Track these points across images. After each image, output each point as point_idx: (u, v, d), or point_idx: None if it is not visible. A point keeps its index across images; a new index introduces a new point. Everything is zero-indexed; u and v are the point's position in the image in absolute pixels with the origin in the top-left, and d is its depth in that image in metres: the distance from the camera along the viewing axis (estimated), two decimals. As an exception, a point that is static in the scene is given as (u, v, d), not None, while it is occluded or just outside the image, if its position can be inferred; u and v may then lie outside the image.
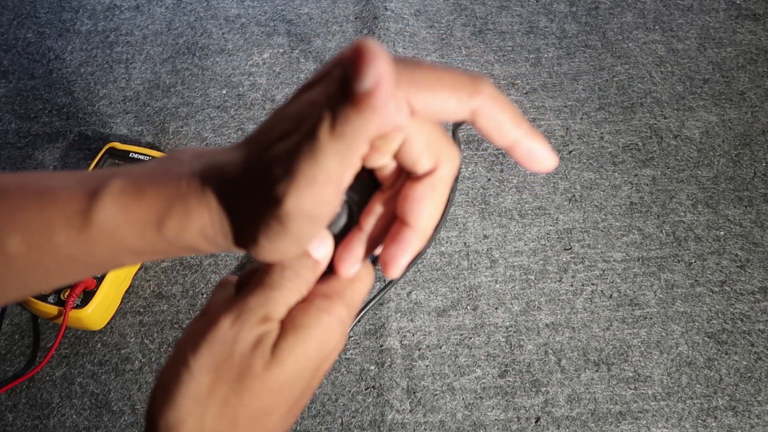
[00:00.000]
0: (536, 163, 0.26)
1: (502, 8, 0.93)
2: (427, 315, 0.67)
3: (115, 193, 0.26)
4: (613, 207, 0.74)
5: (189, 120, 0.82)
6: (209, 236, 0.26)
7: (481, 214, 0.74)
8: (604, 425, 0.60)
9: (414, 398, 0.62)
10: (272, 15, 0.93)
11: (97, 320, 0.64)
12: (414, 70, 0.23)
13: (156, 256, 0.28)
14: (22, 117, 0.83)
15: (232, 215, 0.25)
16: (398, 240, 0.27)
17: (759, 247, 0.71)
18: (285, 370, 0.26)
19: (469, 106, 0.24)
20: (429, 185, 0.26)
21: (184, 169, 0.26)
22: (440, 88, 0.23)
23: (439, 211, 0.27)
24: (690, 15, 0.92)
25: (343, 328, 0.28)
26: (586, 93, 0.84)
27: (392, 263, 0.27)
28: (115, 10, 0.94)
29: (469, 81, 0.24)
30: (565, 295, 0.68)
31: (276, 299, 0.27)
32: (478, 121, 0.25)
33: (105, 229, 0.26)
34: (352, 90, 0.20)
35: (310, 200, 0.23)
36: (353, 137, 0.21)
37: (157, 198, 0.26)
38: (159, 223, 0.26)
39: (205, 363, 0.26)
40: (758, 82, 0.84)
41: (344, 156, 0.22)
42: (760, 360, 0.64)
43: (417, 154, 0.25)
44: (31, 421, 0.61)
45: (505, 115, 0.25)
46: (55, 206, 0.27)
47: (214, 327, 0.26)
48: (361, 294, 0.29)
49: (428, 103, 0.23)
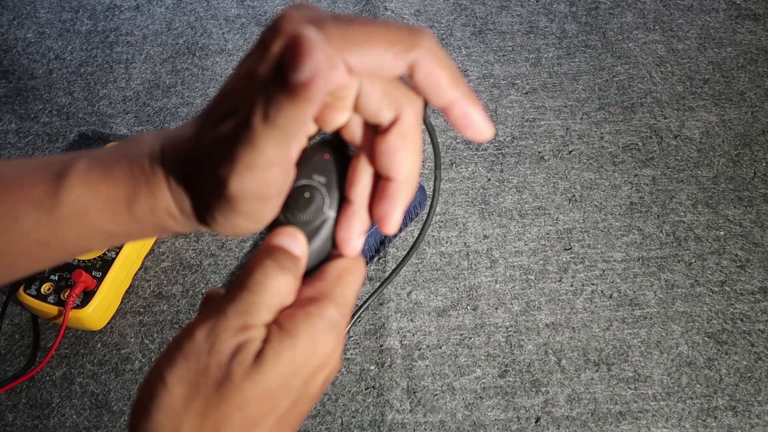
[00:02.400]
0: (471, 128, 0.25)
1: (502, 8, 0.93)
2: (427, 315, 0.67)
3: (82, 172, 0.26)
4: (613, 207, 0.74)
5: (189, 120, 0.82)
6: (175, 215, 0.26)
7: (481, 214, 0.74)
8: (604, 425, 0.60)
9: (414, 398, 0.62)
10: (272, 15, 0.93)
11: (97, 320, 0.64)
12: (348, 26, 0.22)
13: (127, 237, 0.27)
14: (22, 117, 0.83)
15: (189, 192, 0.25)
16: (385, 195, 0.26)
17: (759, 247, 0.71)
18: (267, 378, 0.25)
19: (406, 60, 0.23)
20: (398, 134, 0.25)
21: (145, 148, 0.26)
22: (374, 43, 0.23)
23: (417, 157, 0.26)
24: (690, 15, 0.92)
25: (337, 330, 0.27)
26: (586, 93, 0.84)
27: (386, 220, 0.27)
28: (115, 10, 0.94)
29: (407, 34, 0.23)
30: (565, 295, 0.68)
31: (257, 303, 0.26)
32: (415, 75, 0.24)
33: (74, 210, 0.26)
34: (287, 80, 0.19)
35: (253, 183, 0.23)
36: (288, 125, 0.21)
37: (124, 177, 0.26)
38: (128, 203, 0.26)
39: (180, 376, 0.25)
40: (758, 82, 0.84)
41: (281, 141, 0.22)
42: (760, 360, 0.64)
43: (376, 106, 0.25)
44: (31, 421, 0.61)
45: (442, 72, 0.24)
46: (21, 190, 0.26)
47: (190, 339, 0.25)
48: (352, 289, 0.28)
49: (364, 58, 0.23)
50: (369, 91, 0.24)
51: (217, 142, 0.23)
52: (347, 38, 0.22)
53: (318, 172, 0.27)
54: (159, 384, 0.25)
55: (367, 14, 0.92)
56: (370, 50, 0.22)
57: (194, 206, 0.26)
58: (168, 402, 0.25)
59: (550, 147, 0.79)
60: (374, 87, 0.24)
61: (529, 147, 0.79)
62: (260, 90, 0.21)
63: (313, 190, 0.27)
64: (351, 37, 0.22)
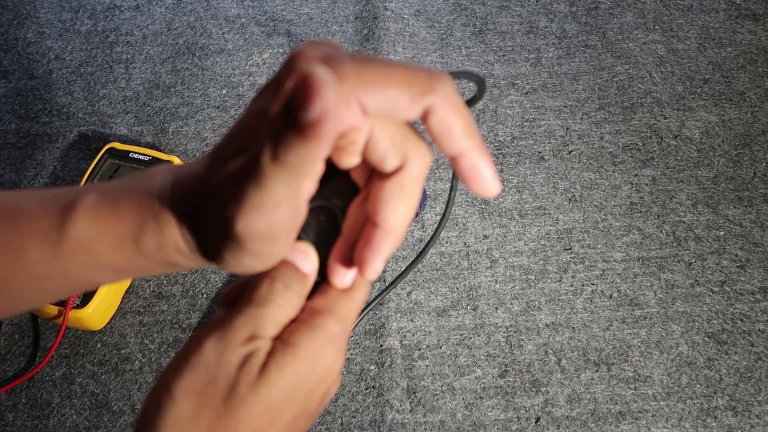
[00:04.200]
0: (478, 182, 0.24)
1: (502, 8, 0.93)
2: (427, 315, 0.67)
3: (90, 207, 0.26)
4: (613, 207, 0.74)
5: (189, 120, 0.82)
6: (183, 251, 0.26)
7: (481, 214, 0.74)
8: (604, 425, 0.60)
9: (414, 398, 0.62)
10: (272, 15, 0.93)
11: (97, 320, 0.64)
12: (364, 66, 0.22)
13: (135, 273, 0.27)
14: (22, 117, 0.83)
15: (198, 231, 0.25)
16: (368, 241, 0.26)
17: (759, 247, 0.71)
18: (272, 390, 0.25)
19: (422, 105, 0.23)
20: (397, 184, 0.25)
21: (156, 183, 0.26)
22: (391, 85, 0.22)
23: (410, 211, 0.26)
24: (690, 15, 0.92)
25: (338, 344, 0.27)
26: (586, 93, 0.84)
27: (364, 265, 0.26)
28: (115, 10, 0.94)
29: (425, 78, 0.23)
30: (565, 295, 0.68)
31: (263, 316, 0.26)
32: (429, 120, 0.23)
33: (80, 244, 0.25)
34: (296, 119, 0.19)
35: (260, 224, 0.22)
36: (297, 165, 0.21)
37: (132, 212, 0.25)
38: (135, 239, 0.25)
39: (188, 388, 0.25)
40: (758, 82, 0.84)
41: (290, 182, 0.21)
42: (760, 360, 0.64)
43: (383, 152, 0.24)
44: (31, 421, 0.61)
45: (457, 120, 0.23)
46: (28, 223, 0.26)
47: (197, 350, 0.25)
48: (355, 305, 0.28)
49: (379, 100, 0.22)
50: (379, 136, 0.24)
51: (225, 180, 0.23)
52: (362, 78, 0.22)
53: (336, 195, 0.27)
54: (166, 396, 0.25)
55: (367, 14, 0.93)
56: (386, 92, 0.22)
57: (202, 244, 0.25)
58: (175, 415, 0.25)
59: (550, 147, 0.79)
60: (384, 133, 0.24)
61: (529, 147, 0.79)
62: (270, 128, 0.21)
63: (329, 213, 0.27)
64: (366, 77, 0.22)
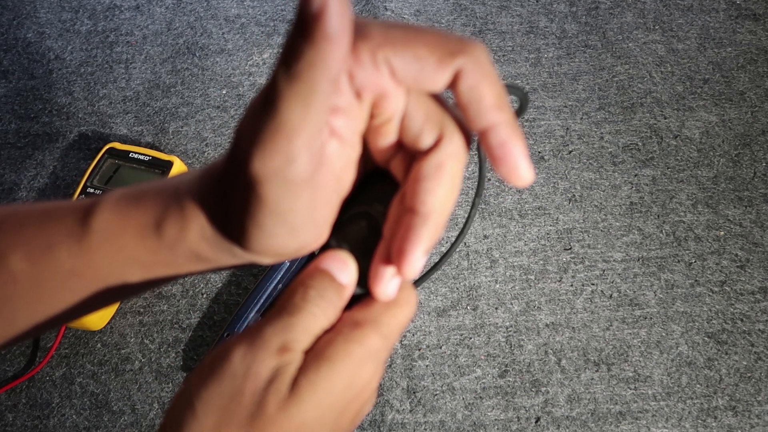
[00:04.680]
0: (508, 162, 0.22)
1: (502, 8, 0.93)
2: (427, 315, 0.67)
3: (113, 201, 0.26)
4: (613, 207, 0.74)
5: (189, 120, 0.82)
6: (209, 238, 0.25)
7: (481, 214, 0.74)
8: (604, 425, 0.60)
9: (414, 398, 0.62)
10: (272, 15, 0.93)
11: (97, 320, 0.64)
12: (391, 27, 0.21)
13: (162, 268, 0.26)
14: (22, 117, 0.83)
15: (223, 207, 0.24)
16: (405, 231, 0.23)
17: (759, 247, 0.71)
18: (303, 410, 0.23)
19: (451, 67, 0.21)
20: (434, 162, 0.23)
21: (183, 178, 0.26)
22: (418, 45, 0.21)
23: (450, 194, 0.23)
24: (690, 15, 0.92)
25: (377, 361, 0.25)
26: (586, 93, 0.84)
27: (401, 258, 0.23)
28: (115, 10, 0.94)
29: (455, 40, 0.21)
30: (565, 295, 0.68)
31: (295, 326, 0.24)
32: (458, 86, 0.21)
33: (103, 236, 0.25)
34: (302, 19, 0.18)
35: (277, 157, 0.20)
36: (311, 75, 0.19)
37: (155, 203, 0.25)
38: (157, 226, 0.25)
39: (212, 401, 0.23)
40: (758, 82, 0.84)
41: (306, 101, 0.20)
42: (760, 360, 0.64)
43: (418, 128, 0.23)
44: (31, 421, 0.61)
45: (488, 88, 0.21)
46: (55, 220, 0.26)
47: (225, 360, 0.23)
48: (401, 321, 0.25)
49: (406, 61, 0.21)
50: (413, 111, 0.23)
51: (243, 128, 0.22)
52: (389, 37, 0.21)
53: (378, 200, 0.25)
54: (187, 409, 0.23)
55: (367, 14, 0.93)
56: (414, 51, 0.21)
57: (227, 221, 0.24)
58: (196, 431, 0.23)
59: (550, 147, 0.79)
60: (419, 108, 0.23)
61: (529, 147, 0.79)
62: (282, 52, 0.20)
63: (371, 219, 0.25)
64: (393, 36, 0.21)
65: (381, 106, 0.23)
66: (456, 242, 0.31)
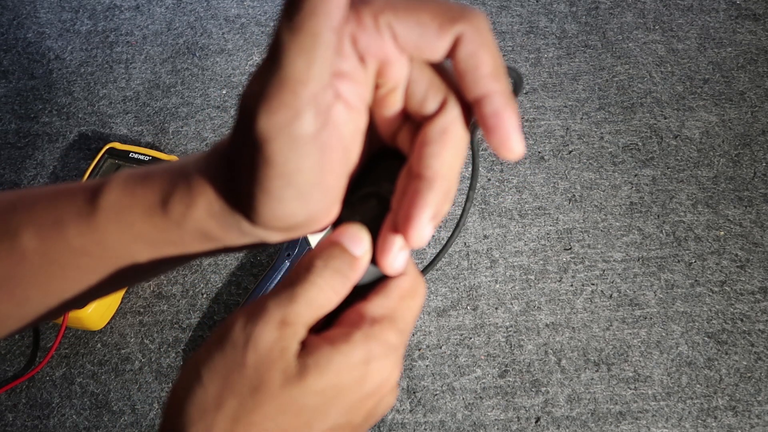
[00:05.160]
0: (500, 133, 0.22)
1: (502, 8, 0.93)
2: (427, 315, 0.67)
3: (122, 180, 0.26)
4: (613, 207, 0.74)
5: (189, 120, 0.82)
6: (216, 214, 0.25)
7: (481, 214, 0.74)
8: (604, 425, 0.60)
9: (414, 398, 0.62)
10: (272, 15, 0.93)
11: (97, 320, 0.64)
12: None
13: (170, 247, 0.26)
14: (22, 117, 0.83)
15: (229, 179, 0.24)
16: (411, 197, 0.23)
17: (759, 247, 0.71)
18: (306, 393, 0.23)
19: (452, 32, 0.21)
20: (438, 126, 0.23)
21: (190, 157, 0.26)
22: (419, 10, 0.21)
23: (455, 159, 0.23)
24: (690, 15, 0.92)
25: (395, 357, 0.24)
26: (586, 93, 0.84)
27: (406, 223, 0.23)
28: (115, 10, 0.94)
29: (457, 7, 0.21)
30: (565, 295, 0.68)
31: (297, 297, 0.23)
32: (456, 53, 0.22)
33: (111, 214, 0.26)
34: None
35: (282, 111, 0.20)
36: (313, 25, 0.19)
37: (162, 181, 0.26)
38: (163, 203, 0.25)
39: (215, 369, 0.23)
40: (758, 82, 0.84)
41: (310, 53, 0.20)
42: (760, 360, 0.64)
43: (422, 94, 0.23)
44: (31, 421, 0.61)
45: (487, 57, 0.21)
46: (65, 199, 0.27)
47: (228, 330, 0.23)
48: (415, 313, 0.25)
49: (408, 26, 0.21)
50: (417, 78, 0.23)
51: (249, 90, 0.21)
52: (391, 2, 0.21)
53: (386, 179, 0.25)
54: (194, 377, 0.24)
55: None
56: (415, 17, 0.21)
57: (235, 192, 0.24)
58: (201, 397, 0.23)
59: (550, 147, 0.79)
60: (422, 75, 0.23)
61: (529, 147, 0.79)
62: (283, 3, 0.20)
63: (380, 198, 0.25)
64: (395, 1, 0.21)
65: (385, 74, 0.23)
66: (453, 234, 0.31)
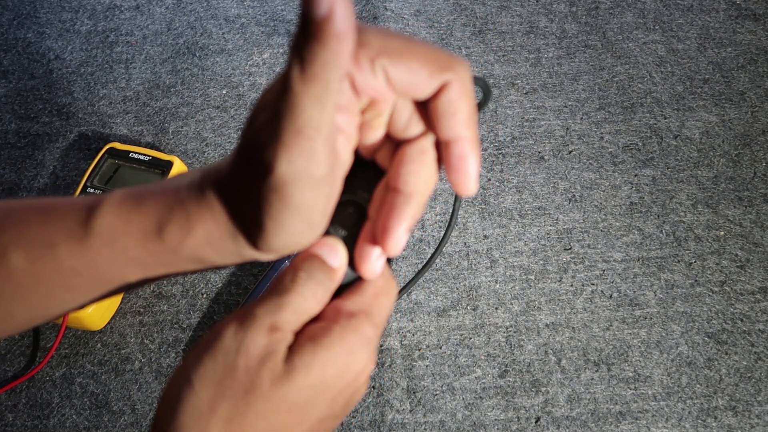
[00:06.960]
0: (461, 174, 0.24)
1: (502, 8, 0.93)
2: (427, 315, 0.67)
3: (115, 202, 0.26)
4: (613, 207, 0.74)
5: (189, 120, 0.82)
6: (215, 241, 0.25)
7: (481, 214, 0.74)
8: (604, 425, 0.60)
9: (414, 398, 0.62)
10: (272, 15, 0.93)
11: (97, 320, 0.64)
12: (389, 37, 0.23)
13: (162, 269, 0.27)
14: (22, 117, 0.83)
15: (234, 209, 0.25)
16: (389, 209, 0.25)
17: (759, 247, 0.71)
18: (296, 390, 0.24)
19: (440, 80, 0.23)
20: (418, 147, 0.25)
21: (185, 180, 0.26)
22: (413, 57, 0.23)
23: (432, 176, 0.25)
24: (690, 15, 0.92)
25: (370, 348, 0.26)
26: (586, 93, 0.84)
27: (384, 234, 0.25)
28: (115, 10, 0.94)
29: (446, 56, 0.23)
30: (565, 295, 0.68)
31: (284, 305, 0.25)
32: (439, 98, 0.24)
33: (105, 239, 0.26)
34: (310, 23, 0.19)
35: (301, 158, 0.22)
36: (325, 75, 0.20)
37: (157, 205, 0.25)
38: (159, 230, 0.25)
39: (207, 375, 0.24)
40: (758, 82, 0.84)
41: (322, 100, 0.21)
42: (760, 360, 0.64)
43: (405, 121, 0.25)
44: (31, 421, 0.61)
45: (464, 105, 0.24)
46: (57, 219, 0.26)
47: (217, 337, 0.25)
48: (386, 309, 0.27)
49: (401, 70, 0.23)
50: (402, 106, 0.25)
51: (259, 130, 0.23)
52: (387, 47, 0.23)
53: (363, 188, 0.27)
54: (185, 384, 0.24)
55: (367, 14, 0.92)
56: (408, 64, 0.23)
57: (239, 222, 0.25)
58: (194, 404, 0.24)
59: (550, 147, 0.79)
60: (406, 105, 0.25)
61: (529, 147, 0.79)
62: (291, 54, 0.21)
63: (357, 206, 0.27)
64: (391, 46, 0.23)
65: (375, 107, 0.25)
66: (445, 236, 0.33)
